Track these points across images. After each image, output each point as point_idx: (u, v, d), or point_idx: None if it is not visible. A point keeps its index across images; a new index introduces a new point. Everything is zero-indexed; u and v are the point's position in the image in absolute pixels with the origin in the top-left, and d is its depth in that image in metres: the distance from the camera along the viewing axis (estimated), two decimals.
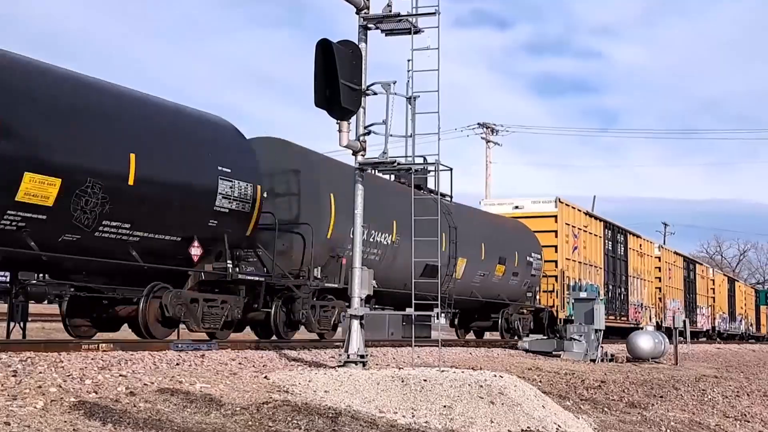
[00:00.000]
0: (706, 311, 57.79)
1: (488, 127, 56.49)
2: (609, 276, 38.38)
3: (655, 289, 45.84)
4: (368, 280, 13.46)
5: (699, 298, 56.22)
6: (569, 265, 33.63)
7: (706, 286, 59.23)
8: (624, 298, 40.47)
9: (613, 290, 38.75)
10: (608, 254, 38.46)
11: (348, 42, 13.20)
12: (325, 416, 9.26)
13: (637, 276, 42.51)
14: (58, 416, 7.53)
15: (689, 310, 52.43)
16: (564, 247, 33.33)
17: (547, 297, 32.75)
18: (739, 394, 19.08)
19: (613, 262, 39.24)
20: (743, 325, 70.26)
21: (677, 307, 48.72)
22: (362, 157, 13.57)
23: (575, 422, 11.81)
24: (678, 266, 51.59)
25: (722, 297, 63.61)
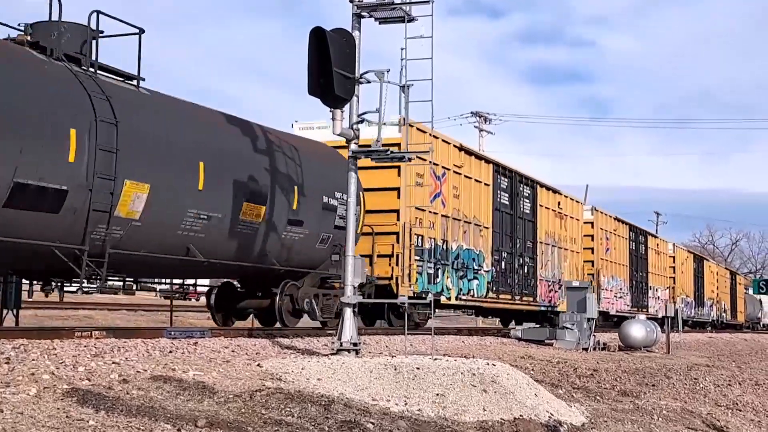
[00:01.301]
0: (661, 294, 49.92)
1: (481, 116, 56.53)
2: (502, 240, 28.66)
3: (584, 262, 37.14)
4: (361, 268, 13.47)
5: (652, 278, 48.14)
6: (425, 217, 23.56)
7: (663, 263, 51.44)
8: (530, 271, 30.77)
9: (509, 259, 29.02)
10: (501, 209, 28.65)
11: (341, 30, 13.18)
12: (317, 404, 9.27)
13: (553, 243, 33.36)
14: (50, 403, 7.53)
15: (636, 290, 44.92)
16: (413, 194, 22.85)
17: (387, 264, 22.49)
18: (731, 383, 19.12)
19: (512, 222, 29.26)
20: (714, 311, 63.63)
21: (618, 286, 41.72)
22: (355, 145, 13.57)
23: (568, 410, 11.83)
24: (620, 236, 42.86)
25: (686, 278, 56.26)
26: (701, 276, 60.41)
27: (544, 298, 32.13)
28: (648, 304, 46.68)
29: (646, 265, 47.17)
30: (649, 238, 48.44)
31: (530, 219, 31.13)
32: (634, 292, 44.03)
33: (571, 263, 35.35)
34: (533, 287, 31.23)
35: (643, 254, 46.81)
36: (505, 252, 28.76)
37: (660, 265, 50.39)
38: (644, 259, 46.86)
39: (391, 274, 22.31)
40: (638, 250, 45.70)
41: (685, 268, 56.27)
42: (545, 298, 32.27)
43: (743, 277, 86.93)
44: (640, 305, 44.62)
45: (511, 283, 29.15)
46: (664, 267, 51.62)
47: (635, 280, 44.72)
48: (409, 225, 22.57)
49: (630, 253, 44.05)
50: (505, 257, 28.83)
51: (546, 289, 32.40)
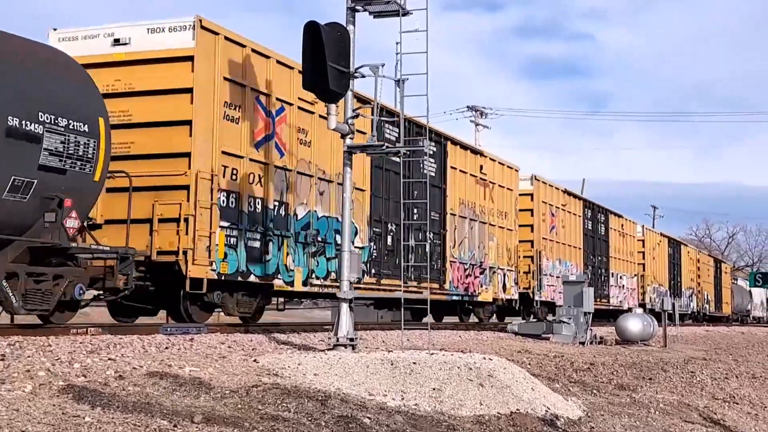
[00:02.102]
0: (628, 282, 43.55)
1: (477, 110, 56.45)
2: (387, 208, 21.81)
3: (519, 242, 30.64)
4: (357, 262, 13.46)
5: (614, 263, 41.41)
6: (243, 167, 16.91)
7: (628, 246, 44.33)
8: (434, 249, 24.18)
9: (397, 233, 22.10)
10: (386, 168, 21.66)
11: (336, 24, 13.15)
12: (314, 399, 9.26)
13: (473, 217, 26.54)
14: (46, 400, 7.51)
15: (594, 278, 37.84)
16: (222, 131, 16.34)
17: (175, 233, 15.55)
18: (727, 376, 19.15)
19: (403, 185, 21.42)
20: (694, 302, 57.01)
21: (567, 270, 34.61)
22: (351, 140, 13.56)
23: (564, 404, 11.84)
24: (571, 212, 36.13)
25: (659, 264, 49.92)
26: (678, 263, 54.00)
27: (457, 285, 25.20)
28: (609, 293, 40.32)
29: (606, 249, 40.40)
30: (611, 218, 41.30)
31: (438, 185, 24.29)
32: (590, 279, 36.48)
33: (501, 242, 28.74)
34: (439, 271, 24.42)
35: (603, 235, 40.00)
36: (392, 224, 21.89)
37: (625, 248, 43.53)
38: (604, 241, 40.13)
39: (177, 246, 15.54)
40: (596, 231, 39.03)
41: (658, 253, 49.82)
42: (459, 284, 25.38)
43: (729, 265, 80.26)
44: (598, 295, 36.56)
45: (400, 264, 21.58)
46: (631, 251, 44.61)
47: (592, 266, 37.97)
48: (211, 175, 15.96)
49: (585, 233, 37.40)
50: (393, 230, 21.97)
51: (460, 274, 25.63)
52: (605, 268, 40.16)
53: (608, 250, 40.82)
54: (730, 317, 68.82)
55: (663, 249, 51.13)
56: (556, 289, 32.35)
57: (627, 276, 43.52)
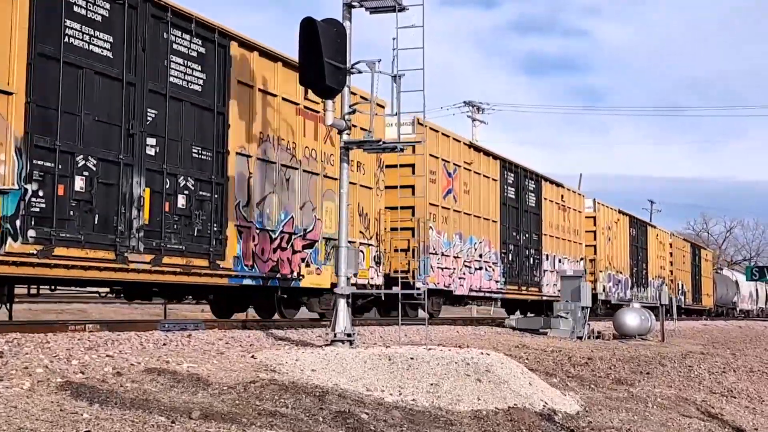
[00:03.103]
0: (570, 267, 33.87)
1: (474, 106, 56.42)
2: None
3: (401, 209, 21.51)
4: (354, 259, 13.47)
5: (550, 243, 33.20)
6: None
7: (572, 222, 36.11)
8: (206, 209, 16.15)
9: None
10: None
11: (332, 20, 13.16)
12: (312, 395, 9.28)
13: (291, 163, 18.52)
14: (44, 397, 7.52)
15: (515, 261, 30.11)
16: None
17: None
18: (725, 371, 19.17)
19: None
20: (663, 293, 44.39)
21: (473, 248, 26.85)
22: (347, 136, 13.56)
23: (562, 399, 11.85)
24: (481, 173, 27.78)
25: (617, 247, 41.57)
26: (643, 247, 46.22)
27: (251, 263, 17.31)
28: (541, 281, 32.41)
29: (537, 224, 32.27)
30: (545, 186, 33.11)
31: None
32: (509, 262, 29.29)
33: (369, 207, 21.59)
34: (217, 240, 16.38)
35: (533, 207, 31.93)
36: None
37: (566, 225, 35.36)
38: (534, 215, 32.03)
39: None
40: (521, 201, 30.74)
41: (616, 234, 41.59)
42: (257, 262, 17.47)
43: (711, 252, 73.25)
44: (522, 282, 30.57)
45: None
46: (575, 229, 36.34)
47: (514, 244, 30.02)
48: None
49: (500, 203, 28.88)
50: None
51: (262, 246, 17.60)
52: (535, 248, 31.94)
53: (540, 225, 32.44)
54: (711, 310, 61.70)
55: (622, 229, 42.68)
56: (456, 274, 25.48)
57: (570, 260, 35.10)
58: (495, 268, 28.37)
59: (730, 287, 69.72)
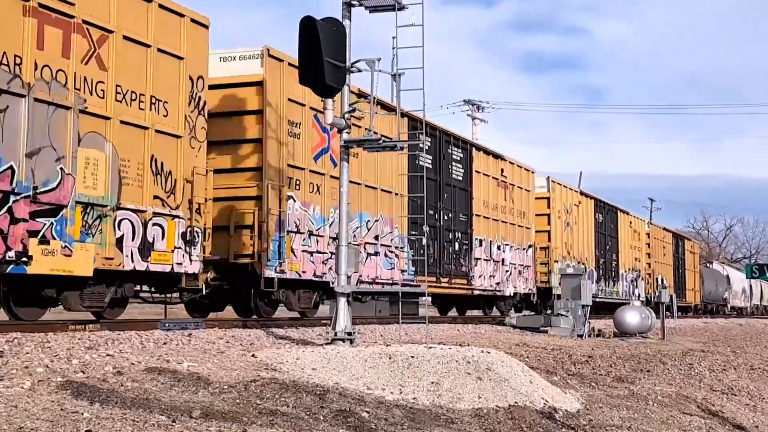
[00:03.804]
0: (515, 257, 29.58)
1: (474, 105, 56.39)
2: None
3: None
4: (354, 257, 13.47)
5: (483, 225, 27.42)
6: None
7: (516, 203, 30.29)
8: None
9: None
10: None
11: (332, 19, 13.15)
12: (313, 393, 9.28)
13: None
14: (45, 396, 7.52)
15: (435, 242, 24.52)
16: None
17: None
18: (725, 368, 19.18)
19: None
20: (640, 288, 44.05)
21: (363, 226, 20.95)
22: (347, 135, 13.56)
23: (562, 397, 11.86)
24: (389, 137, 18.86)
25: (579, 235, 35.93)
26: (612, 235, 40.62)
27: None
28: (471, 271, 26.47)
29: (465, 202, 26.46)
30: (476, 156, 27.39)
31: None
32: (423, 247, 23.37)
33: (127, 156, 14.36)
34: None
35: (459, 181, 26.10)
36: None
37: (511, 207, 29.84)
38: (461, 191, 26.29)
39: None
40: (441, 172, 25.00)
41: (577, 219, 35.93)
42: None
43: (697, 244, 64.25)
44: (444, 272, 24.84)
45: None
46: (521, 211, 30.75)
47: (431, 225, 24.23)
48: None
49: (410, 172, 22.81)
50: None
51: None
52: (463, 231, 26.21)
53: (469, 204, 26.69)
54: (697, 307, 56.24)
55: (586, 214, 37.26)
56: (328, 259, 19.06)
57: (513, 247, 29.69)
58: (400, 254, 22.39)
59: (720, 282, 64.46)
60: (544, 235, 32.95)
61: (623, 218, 42.41)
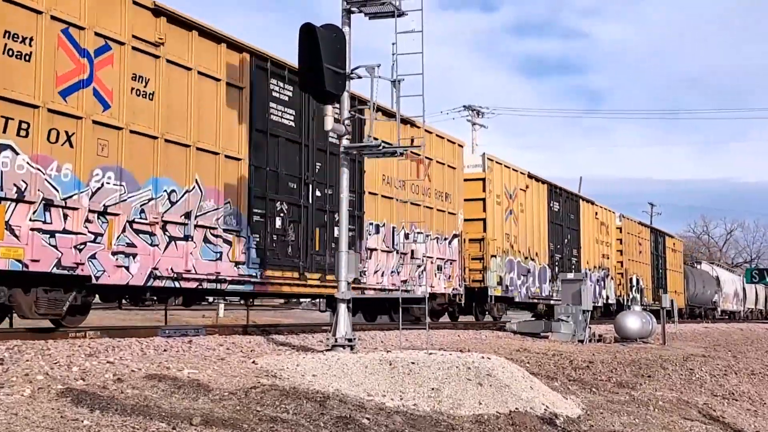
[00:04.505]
0: (433, 247, 24.11)
1: (474, 110, 56.40)
2: None
3: None
4: (354, 263, 13.47)
5: (382, 207, 21.96)
6: None
7: (440, 183, 24.73)
8: None
9: None
10: None
11: (331, 26, 13.19)
12: (313, 400, 9.27)
13: None
14: (45, 404, 7.52)
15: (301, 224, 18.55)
16: None
17: None
18: (726, 373, 19.15)
19: None
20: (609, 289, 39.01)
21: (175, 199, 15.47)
22: (347, 141, 13.57)
23: (563, 403, 11.84)
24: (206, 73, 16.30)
25: (527, 224, 30.58)
26: (572, 227, 35.23)
27: None
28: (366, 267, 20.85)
29: (354, 177, 19.76)
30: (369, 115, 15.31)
31: None
32: (277, 231, 17.96)
33: None
34: None
35: (336, 146, 15.47)
36: None
37: (427, 187, 24.02)
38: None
39: None
40: (306, 131, 18.94)
41: (524, 206, 30.41)
42: None
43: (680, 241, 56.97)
44: (315, 266, 19.04)
45: None
46: (444, 193, 24.92)
47: (289, 204, 18.38)
48: None
49: (250, 128, 17.38)
50: None
51: None
52: (354, 215, 20.14)
53: (358, 179, 20.77)
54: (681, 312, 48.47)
55: (536, 201, 31.82)
56: (107, 243, 14.11)
57: (430, 237, 24.24)
58: (235, 239, 16.75)
59: (709, 284, 58.98)
60: (478, 225, 27.48)
61: (586, 208, 37.13)
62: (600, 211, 39.03)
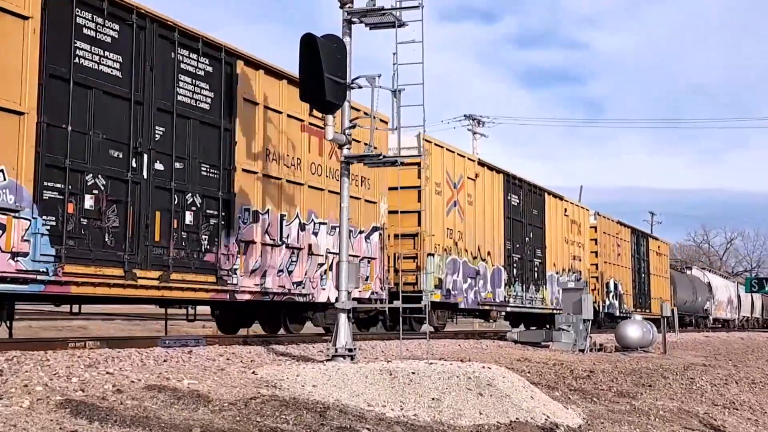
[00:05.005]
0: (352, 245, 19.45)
1: (475, 119, 56.46)
2: None
3: None
4: (355, 273, 13.47)
5: (262, 188, 17.41)
6: None
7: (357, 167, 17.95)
8: None
9: None
10: None
11: (332, 36, 13.21)
12: (313, 410, 9.25)
13: None
14: (44, 415, 7.50)
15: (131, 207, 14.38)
16: None
17: None
18: (727, 382, 19.12)
19: None
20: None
21: None
22: (348, 151, 13.59)
23: (564, 412, 11.81)
24: None
25: (477, 219, 26.55)
26: (536, 224, 31.45)
27: None
28: (230, 263, 16.42)
29: (222, 148, 16.46)
30: (244, 73, 17.02)
31: None
32: (83, 214, 13.66)
33: None
34: None
35: (204, 112, 16.09)
36: None
37: (335, 168, 19.43)
38: (210, 128, 16.26)
39: None
40: (143, 88, 14.87)
41: (473, 198, 26.32)
42: None
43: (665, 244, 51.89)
44: (153, 263, 14.91)
45: None
46: (359, 176, 20.74)
47: (113, 178, 14.26)
48: None
49: (43, 73, 13.11)
50: None
51: None
52: (210, 195, 16.26)
53: (228, 151, 16.69)
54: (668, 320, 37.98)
55: (489, 192, 27.75)
56: None
57: (353, 229, 20.02)
58: (8, 221, 12.55)
59: (700, 291, 55.33)
60: (412, 218, 23.01)
61: (553, 203, 32.89)
62: (570, 208, 35.12)
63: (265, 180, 17.69)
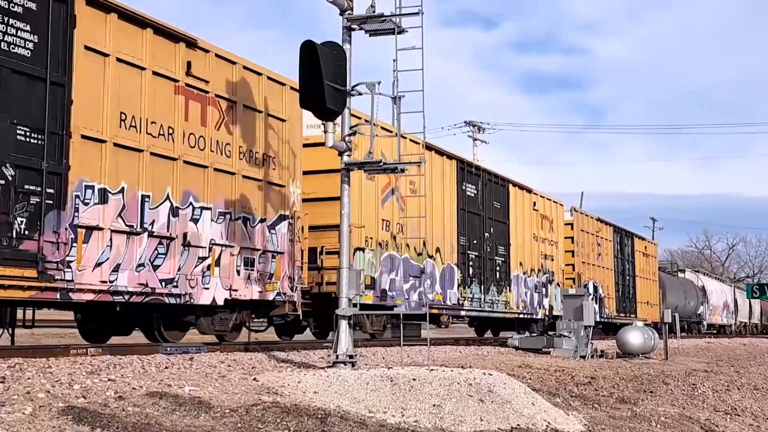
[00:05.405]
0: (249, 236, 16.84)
1: (475, 126, 56.52)
2: None
3: None
4: (356, 280, 13.48)
5: (141, 167, 14.54)
6: None
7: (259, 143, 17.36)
8: None
9: None
10: None
11: (332, 43, 13.24)
12: (314, 417, 9.26)
13: None
14: (46, 422, 7.52)
15: None
16: None
17: None
18: (729, 388, 19.10)
19: None
20: (550, 298, 31.78)
21: None
22: (348, 158, 13.61)
23: (565, 419, 11.82)
24: None
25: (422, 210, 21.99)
26: (498, 219, 28.25)
27: None
28: (61, 253, 12.81)
29: (53, 114, 12.94)
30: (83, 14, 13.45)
31: None
32: None
33: None
34: None
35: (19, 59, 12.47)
36: None
37: (225, 141, 16.50)
38: (30, 80, 12.67)
39: None
40: None
41: (416, 187, 22.45)
42: None
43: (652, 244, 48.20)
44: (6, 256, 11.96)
45: None
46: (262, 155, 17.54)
47: None
48: None
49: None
50: None
51: None
52: (30, 165, 12.63)
53: (61, 110, 13.17)
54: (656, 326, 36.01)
55: (437, 179, 24.44)
56: None
57: (230, 216, 16.69)
58: None
59: (692, 295, 52.15)
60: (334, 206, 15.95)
61: (519, 196, 29.77)
62: (540, 201, 31.53)
63: (118, 150, 14.21)
